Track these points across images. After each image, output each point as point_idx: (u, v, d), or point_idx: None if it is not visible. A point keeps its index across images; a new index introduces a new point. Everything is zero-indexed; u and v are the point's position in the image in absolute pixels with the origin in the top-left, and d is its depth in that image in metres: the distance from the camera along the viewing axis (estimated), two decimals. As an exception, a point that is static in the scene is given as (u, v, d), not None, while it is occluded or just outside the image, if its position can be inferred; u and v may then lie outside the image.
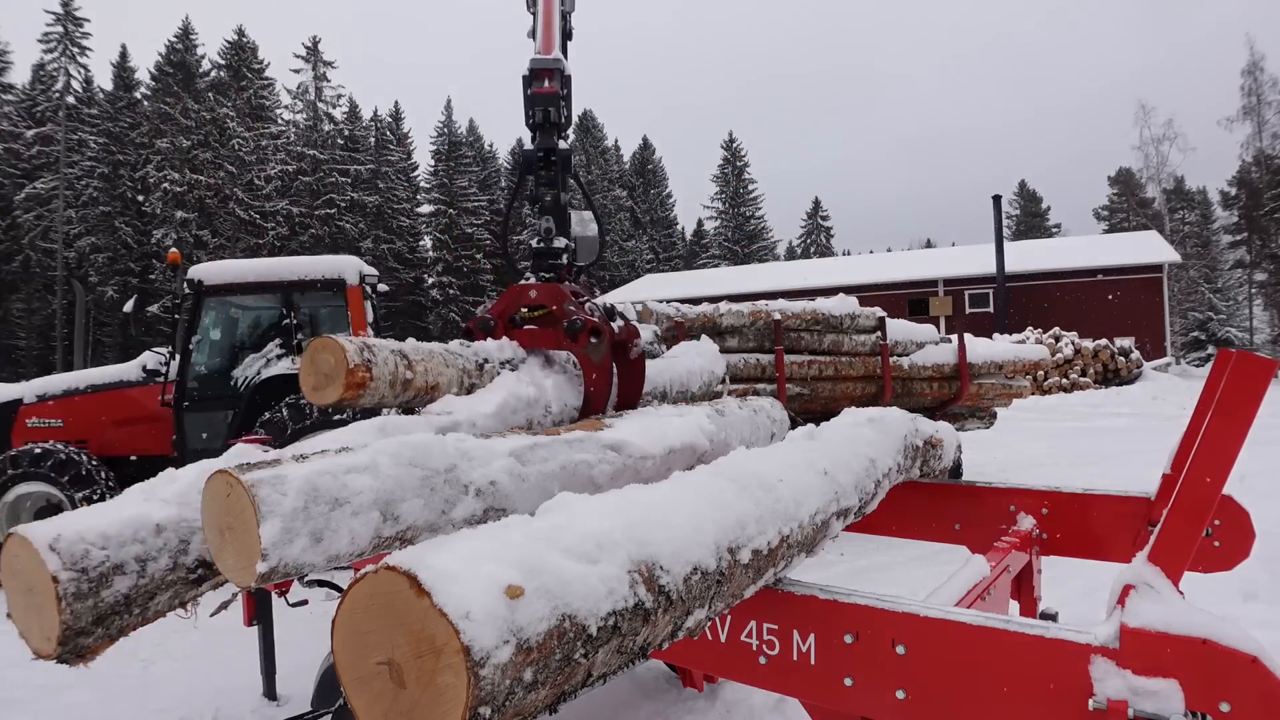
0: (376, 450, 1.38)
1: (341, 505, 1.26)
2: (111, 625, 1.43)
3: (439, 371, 2.18)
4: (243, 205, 40.58)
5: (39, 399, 6.85)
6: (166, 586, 1.48)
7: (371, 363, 1.96)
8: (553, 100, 2.81)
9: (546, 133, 2.83)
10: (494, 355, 2.40)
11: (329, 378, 1.94)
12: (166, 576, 1.47)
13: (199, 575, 1.53)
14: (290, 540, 1.18)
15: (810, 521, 1.59)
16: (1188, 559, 1.32)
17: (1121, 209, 54.95)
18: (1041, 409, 17.10)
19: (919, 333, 7.57)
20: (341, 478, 1.28)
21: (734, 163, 62.87)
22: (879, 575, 5.30)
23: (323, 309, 7.50)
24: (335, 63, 47.52)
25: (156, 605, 1.50)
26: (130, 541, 1.43)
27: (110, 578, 1.39)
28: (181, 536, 1.50)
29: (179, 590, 1.52)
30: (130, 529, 1.45)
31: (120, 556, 1.42)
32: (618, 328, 2.48)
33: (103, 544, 1.40)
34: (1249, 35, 43.25)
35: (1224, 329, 37.64)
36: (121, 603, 1.42)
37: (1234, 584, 3.86)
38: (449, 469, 1.44)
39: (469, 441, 1.56)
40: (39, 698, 3.75)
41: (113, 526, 1.43)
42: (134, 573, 1.42)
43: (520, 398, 2.19)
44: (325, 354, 1.94)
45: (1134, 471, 5.94)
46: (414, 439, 1.44)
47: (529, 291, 2.55)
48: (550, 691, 0.91)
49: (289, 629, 3.59)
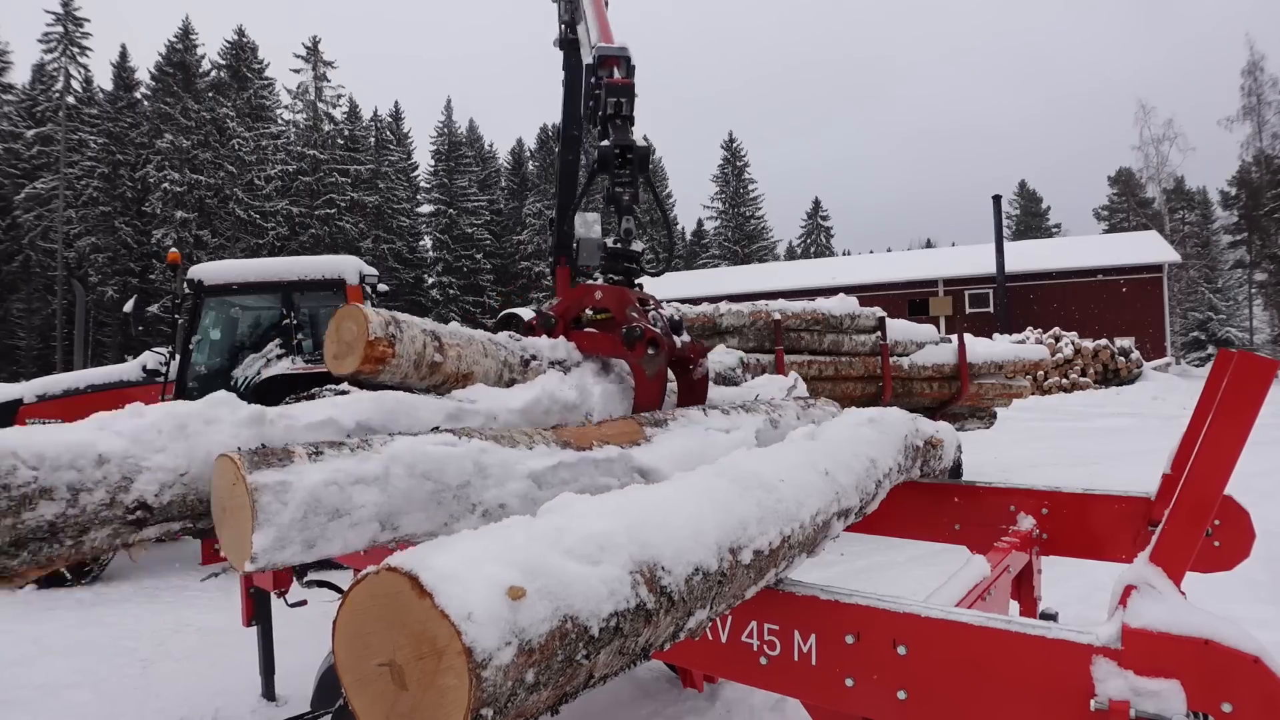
0: (392, 457, 1.34)
1: (341, 517, 1.24)
2: (38, 552, 1.33)
3: (475, 360, 2.07)
4: (243, 205, 40.57)
5: (39, 399, 6.85)
6: (101, 523, 1.38)
7: (396, 338, 1.86)
8: (627, 91, 2.63)
9: (620, 127, 2.65)
10: (544, 353, 2.27)
11: (349, 347, 1.86)
12: (101, 512, 1.37)
13: (139, 517, 1.42)
14: (282, 547, 1.18)
15: (811, 522, 1.59)
16: (1189, 559, 1.31)
17: (1121, 209, 54.95)
18: (1041, 409, 17.10)
19: (919, 333, 7.58)
20: (348, 489, 1.25)
21: (734, 163, 62.87)
22: (879, 575, 5.30)
23: (323, 309, 7.50)
24: (335, 63, 47.52)
25: (92, 541, 1.39)
26: (65, 467, 1.33)
27: (34, 500, 1.29)
28: (125, 473, 1.40)
29: (118, 530, 1.41)
30: (69, 454, 1.35)
31: (50, 480, 1.31)
32: (681, 342, 2.32)
33: (34, 464, 1.30)
34: (1249, 35, 43.26)
35: (1224, 329, 37.66)
36: (45, 529, 1.31)
37: (1235, 584, 3.86)
38: (461, 485, 1.40)
39: (491, 454, 1.49)
40: (39, 698, 3.75)
41: (50, 448, 1.33)
42: (63, 500, 1.32)
43: (557, 400, 2.06)
44: (349, 322, 1.88)
45: (1134, 471, 5.94)
46: (434, 451, 1.38)
47: (595, 293, 2.41)
48: (552, 693, 0.91)
49: (288, 629, 3.59)
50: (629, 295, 2.39)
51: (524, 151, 59.42)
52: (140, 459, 1.42)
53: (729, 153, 63.11)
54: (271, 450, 1.30)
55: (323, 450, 1.33)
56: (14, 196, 38.92)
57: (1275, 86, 40.59)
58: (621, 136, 2.64)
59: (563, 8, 4.56)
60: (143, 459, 1.43)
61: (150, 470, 1.42)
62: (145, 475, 1.42)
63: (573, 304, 2.45)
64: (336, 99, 47.88)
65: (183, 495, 1.45)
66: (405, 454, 1.36)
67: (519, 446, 1.61)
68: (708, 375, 2.45)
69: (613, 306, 2.37)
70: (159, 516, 1.43)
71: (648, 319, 2.32)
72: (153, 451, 1.43)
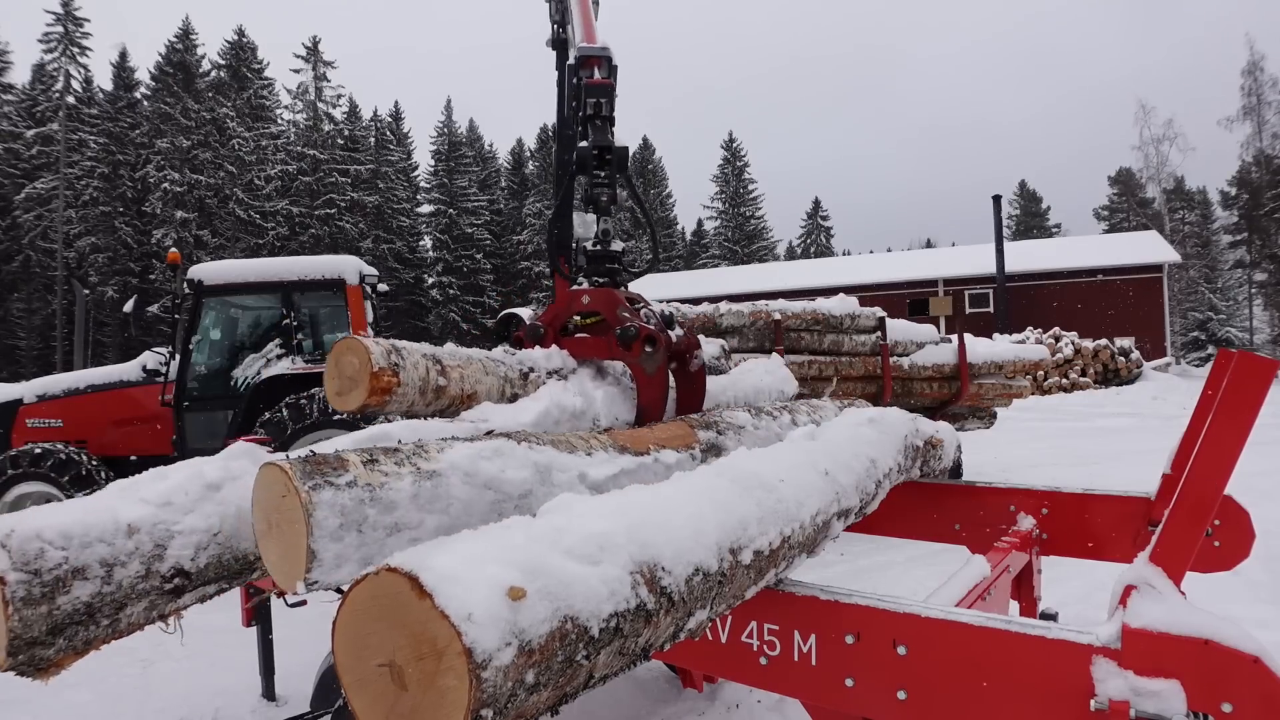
0: (450, 465, 1.27)
1: (401, 532, 1.15)
2: (75, 637, 1.25)
3: (477, 379, 2.03)
4: (243, 205, 40.57)
5: (39, 399, 6.85)
6: (138, 596, 1.31)
7: (399, 366, 1.80)
8: (606, 91, 2.62)
9: (600, 128, 2.63)
10: (540, 364, 2.25)
11: (353, 381, 1.79)
12: (137, 585, 1.30)
13: (176, 585, 1.35)
14: (339, 565, 1.09)
15: (812, 522, 1.59)
16: (1189, 559, 1.31)
17: (1121, 209, 54.94)
18: (1041, 409, 17.10)
19: (919, 333, 7.57)
20: (405, 501, 1.17)
21: (734, 162, 62.86)
22: (879, 575, 5.30)
23: (323, 309, 7.50)
24: (335, 62, 47.51)
25: (129, 617, 1.32)
26: (95, 542, 1.26)
27: (68, 582, 1.22)
28: (157, 540, 1.33)
29: (154, 601, 1.34)
30: (96, 528, 1.28)
31: (82, 559, 1.24)
32: (675, 336, 2.30)
33: (62, 544, 1.23)
34: (1249, 35, 43.15)
35: (1224, 329, 37.65)
36: (82, 612, 1.24)
37: (1235, 584, 3.86)
38: (523, 495, 1.35)
39: (552, 458, 1.43)
40: (39, 698, 3.75)
41: (76, 525, 1.26)
42: (98, 578, 1.25)
43: (565, 409, 2.03)
44: (349, 355, 1.80)
45: (1134, 471, 5.94)
46: (487, 467, 1.32)
47: (582, 297, 2.38)
48: (552, 693, 0.91)
49: (288, 629, 3.59)
50: (618, 296, 2.37)
51: (524, 151, 59.43)
52: (169, 524, 1.36)
53: (729, 152, 63.12)
54: (323, 458, 1.18)
55: (377, 457, 1.24)
56: (14, 196, 38.90)
57: (1275, 86, 40.58)
58: (600, 137, 2.62)
59: (553, 8, 4.55)
60: (173, 523, 1.36)
61: (183, 534, 1.35)
62: (179, 540, 1.35)
63: (561, 311, 2.42)
64: (336, 99, 47.90)
65: (219, 556, 1.38)
66: (464, 460, 1.29)
67: (577, 452, 1.57)
68: (704, 366, 2.43)
69: (603, 308, 2.34)
70: (197, 582, 1.37)
71: (640, 317, 2.30)
72: (182, 514, 1.36)
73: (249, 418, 6.46)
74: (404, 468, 1.24)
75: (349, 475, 1.16)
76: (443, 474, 1.28)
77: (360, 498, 1.15)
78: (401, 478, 1.22)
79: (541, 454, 1.48)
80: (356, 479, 1.16)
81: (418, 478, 1.24)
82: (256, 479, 1.17)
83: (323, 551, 1.09)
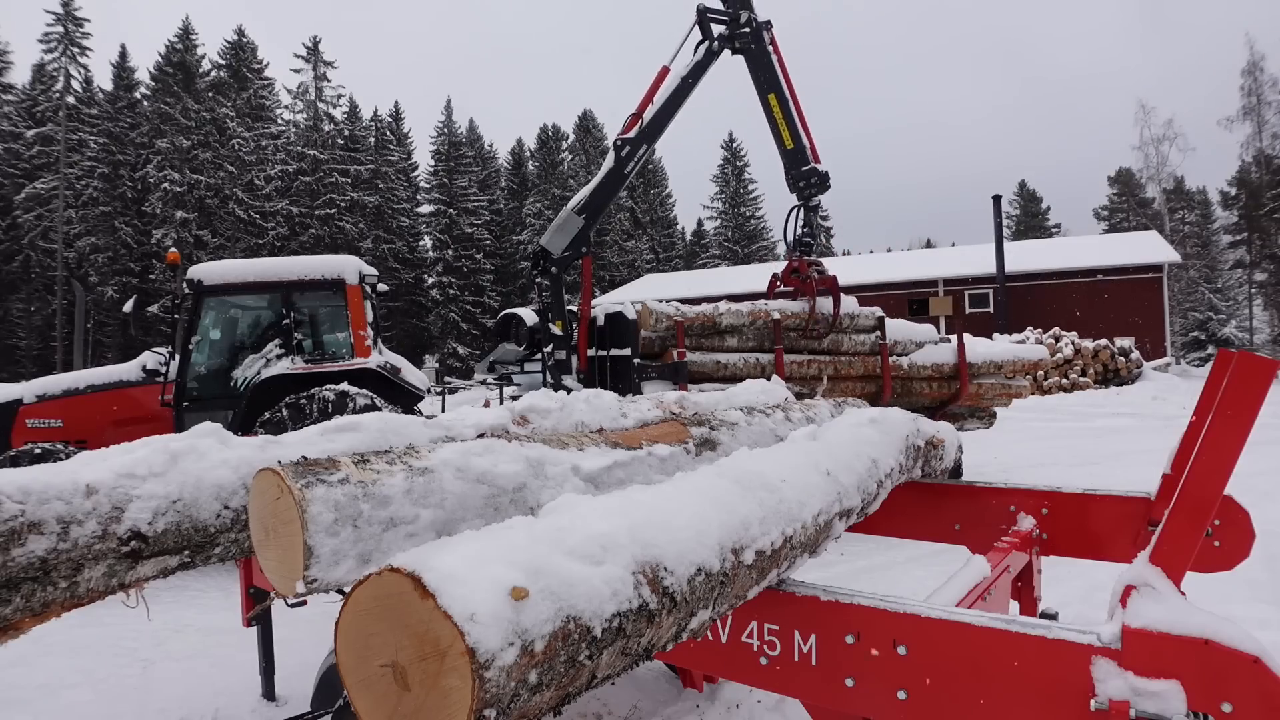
0: (442, 462, 1.29)
1: (397, 527, 1.16)
2: (32, 596, 1.26)
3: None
4: (243, 205, 40.55)
5: (39, 399, 6.84)
6: (95, 558, 1.31)
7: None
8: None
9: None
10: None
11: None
12: (94, 545, 1.31)
13: (133, 549, 1.35)
14: (337, 563, 1.11)
15: (813, 522, 1.59)
16: (1189, 559, 1.32)
17: (1121, 209, 54.92)
18: (1041, 409, 17.10)
19: (919, 332, 7.58)
20: (399, 496, 1.19)
21: (734, 163, 62.83)
22: (879, 575, 5.30)
23: (322, 309, 7.50)
24: (335, 62, 47.48)
25: (88, 582, 1.33)
26: (53, 499, 1.27)
27: (23, 534, 1.23)
28: (115, 502, 1.34)
29: (113, 566, 1.34)
30: (55, 487, 1.29)
31: (39, 515, 1.25)
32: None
33: (20, 498, 1.24)
34: (1249, 35, 43.14)
35: (1224, 329, 37.60)
36: (37, 566, 1.25)
37: (1235, 584, 3.86)
38: (518, 488, 1.37)
39: (544, 454, 1.46)
40: (39, 698, 3.75)
41: (35, 483, 1.28)
42: (54, 534, 1.26)
43: (535, 409, 2.18)
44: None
45: (1134, 471, 5.94)
46: (479, 462, 1.34)
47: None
48: (555, 694, 0.91)
49: (288, 629, 3.59)
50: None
51: (524, 151, 59.38)
52: (130, 488, 1.37)
53: (729, 153, 63.09)
54: (315, 461, 1.22)
55: (369, 458, 1.27)
56: (14, 196, 38.89)
57: (1275, 86, 40.58)
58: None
59: None
60: (132, 488, 1.37)
61: (141, 499, 1.36)
62: (137, 504, 1.36)
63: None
64: (336, 99, 47.88)
65: (177, 524, 1.39)
66: (455, 459, 1.32)
67: (569, 449, 1.60)
68: None
69: None
70: (154, 547, 1.37)
71: None
72: (141, 481, 1.38)
73: (249, 418, 6.46)
74: (396, 466, 1.28)
75: (341, 474, 1.19)
76: (434, 470, 1.31)
77: (354, 493, 1.17)
78: (394, 474, 1.25)
79: (533, 450, 1.51)
80: (349, 476, 1.19)
81: (410, 474, 1.27)
82: (251, 489, 1.20)
83: (319, 547, 1.10)
